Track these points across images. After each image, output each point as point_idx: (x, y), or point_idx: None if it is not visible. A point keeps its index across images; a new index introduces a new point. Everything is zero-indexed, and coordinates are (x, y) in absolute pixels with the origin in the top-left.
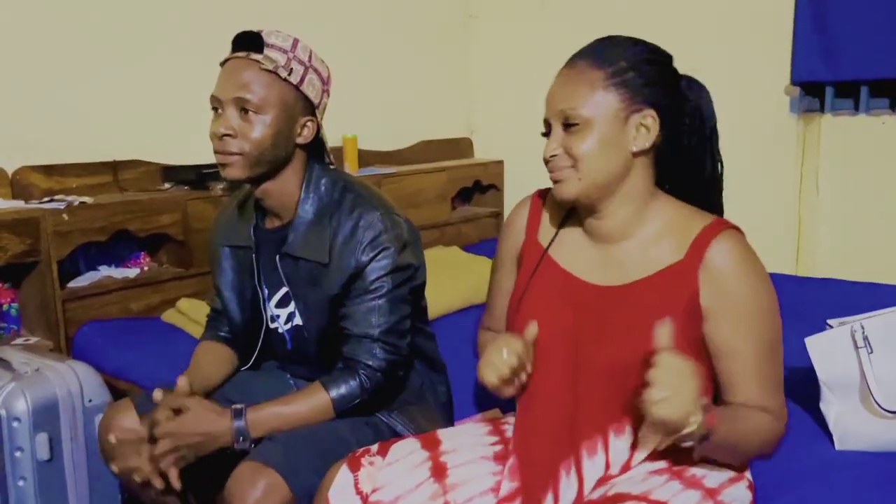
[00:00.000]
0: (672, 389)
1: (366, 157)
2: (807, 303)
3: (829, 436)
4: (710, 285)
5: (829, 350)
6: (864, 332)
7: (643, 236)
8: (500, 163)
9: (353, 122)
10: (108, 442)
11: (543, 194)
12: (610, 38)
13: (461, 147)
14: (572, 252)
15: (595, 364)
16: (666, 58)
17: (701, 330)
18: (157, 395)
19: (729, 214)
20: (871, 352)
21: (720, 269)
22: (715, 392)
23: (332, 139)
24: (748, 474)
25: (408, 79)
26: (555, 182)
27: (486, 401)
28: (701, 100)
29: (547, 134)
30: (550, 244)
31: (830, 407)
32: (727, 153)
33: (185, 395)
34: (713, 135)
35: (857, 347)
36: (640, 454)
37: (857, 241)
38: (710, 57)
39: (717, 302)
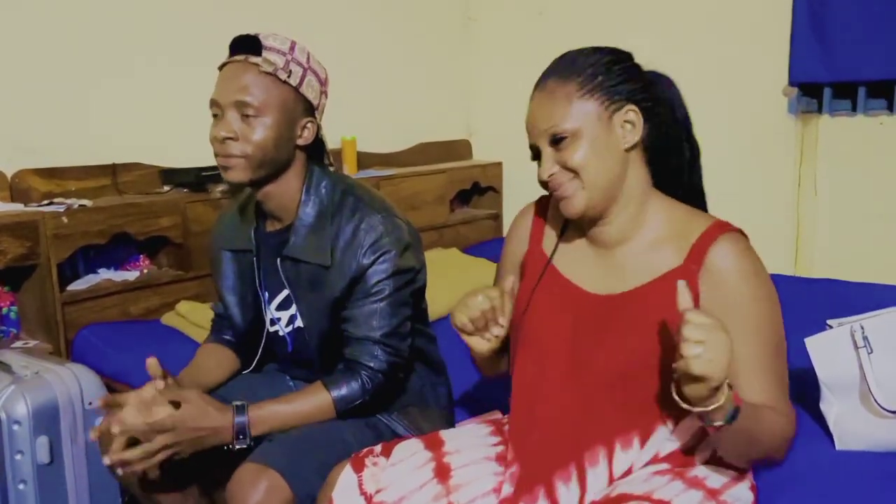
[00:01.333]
0: (706, 344)
1: (364, 160)
2: (806, 303)
3: (830, 436)
4: (710, 289)
5: (829, 350)
6: (863, 333)
7: (643, 239)
8: (499, 165)
9: (351, 124)
10: (109, 432)
11: (544, 202)
12: (568, 53)
13: (460, 149)
14: (574, 260)
15: (595, 372)
16: (626, 56)
17: None
18: (159, 384)
19: (728, 214)
20: (871, 352)
21: (720, 273)
22: None
23: (330, 141)
24: (750, 475)
25: (406, 81)
26: (561, 199)
27: (487, 402)
28: (670, 90)
29: (536, 158)
30: (553, 254)
31: (831, 407)
32: (726, 153)
33: (161, 377)
34: (687, 121)
35: (857, 347)
36: (644, 458)
37: (856, 241)
38: (708, 58)
39: (717, 305)
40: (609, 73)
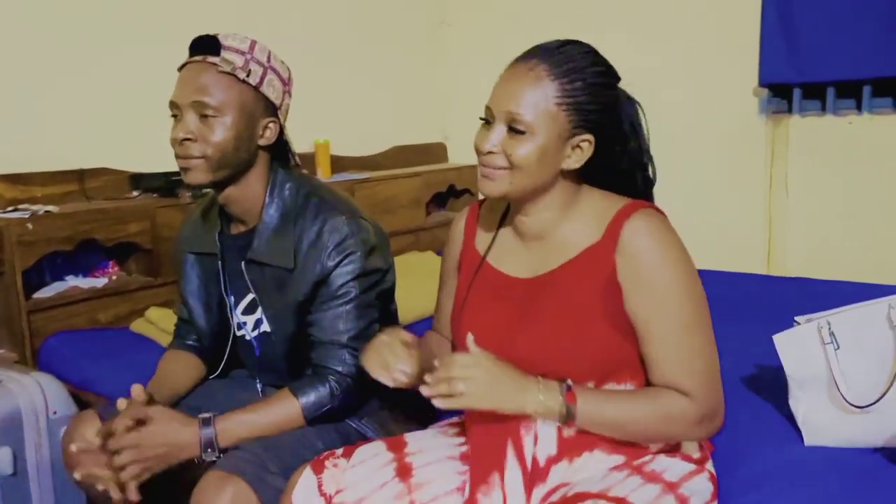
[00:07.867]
0: (463, 383)
1: (339, 163)
2: (777, 301)
3: (798, 432)
4: (624, 263)
5: (796, 347)
6: (830, 328)
7: (568, 228)
8: (475, 168)
9: (325, 128)
10: (70, 451)
11: (481, 204)
12: (569, 44)
13: (435, 152)
14: (505, 253)
15: (522, 352)
16: (616, 79)
17: (623, 310)
18: (122, 403)
19: (700, 215)
20: (838, 348)
21: (633, 247)
22: None
23: (304, 145)
24: (709, 466)
25: (381, 84)
26: (483, 177)
27: None
28: (634, 116)
29: (487, 122)
30: (488, 251)
31: (799, 403)
32: (698, 154)
33: (144, 403)
34: (646, 151)
35: (823, 343)
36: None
37: (827, 239)
38: (679, 61)
39: (631, 279)
40: (593, 95)
